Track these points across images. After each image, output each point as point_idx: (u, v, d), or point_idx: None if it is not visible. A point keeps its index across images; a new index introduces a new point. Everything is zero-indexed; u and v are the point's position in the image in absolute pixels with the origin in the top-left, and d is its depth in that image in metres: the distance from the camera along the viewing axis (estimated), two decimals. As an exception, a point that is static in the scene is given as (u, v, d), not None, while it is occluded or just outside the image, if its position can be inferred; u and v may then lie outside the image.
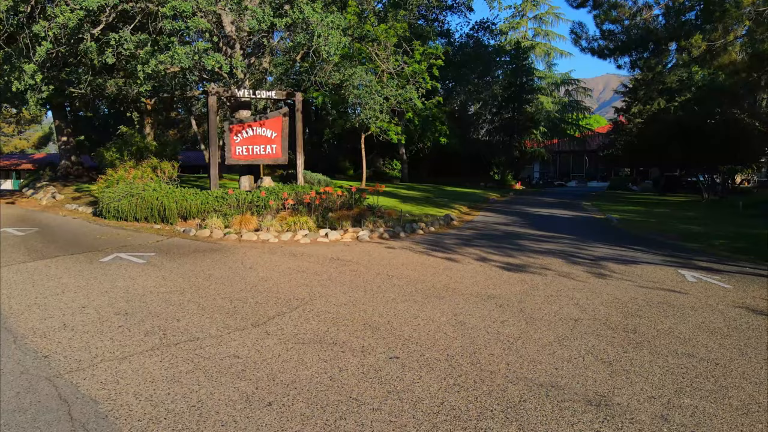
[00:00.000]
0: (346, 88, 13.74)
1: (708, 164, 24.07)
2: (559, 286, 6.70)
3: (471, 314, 5.48)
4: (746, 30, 13.68)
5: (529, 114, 38.57)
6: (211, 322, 5.09)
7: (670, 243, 10.70)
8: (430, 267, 7.78)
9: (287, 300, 5.90)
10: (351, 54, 18.08)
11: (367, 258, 8.41)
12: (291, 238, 9.97)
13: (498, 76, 38.09)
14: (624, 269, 7.84)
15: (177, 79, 15.08)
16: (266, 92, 13.58)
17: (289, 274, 7.18)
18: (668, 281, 7.12)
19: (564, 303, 5.94)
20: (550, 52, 44.52)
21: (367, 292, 6.30)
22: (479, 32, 36.14)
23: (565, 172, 54.21)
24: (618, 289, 6.59)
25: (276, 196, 11.77)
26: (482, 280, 6.97)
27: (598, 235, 11.91)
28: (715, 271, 7.82)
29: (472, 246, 9.76)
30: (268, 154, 13.84)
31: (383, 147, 35.67)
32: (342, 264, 7.89)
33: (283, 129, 13.92)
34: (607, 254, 9.15)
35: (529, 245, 10.02)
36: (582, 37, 18.94)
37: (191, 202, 11.20)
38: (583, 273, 7.54)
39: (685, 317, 5.49)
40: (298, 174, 14.22)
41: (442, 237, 11.03)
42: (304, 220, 10.60)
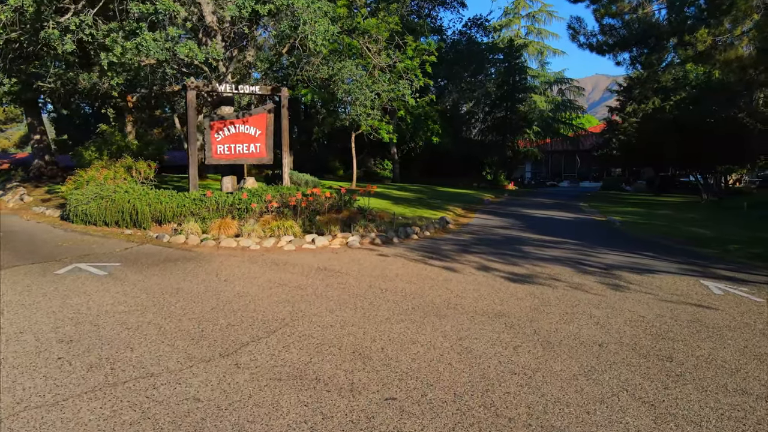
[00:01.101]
0: (335, 83, 12.92)
1: (706, 164, 23.52)
2: (574, 301, 5.95)
3: (478, 338, 4.71)
4: (754, 24, 13.06)
5: (522, 113, 37.95)
6: (172, 352, 4.27)
7: (682, 248, 10.01)
8: (427, 278, 7.00)
9: (265, 321, 5.09)
10: (341, 49, 17.31)
11: (358, 267, 7.61)
12: (274, 245, 9.14)
13: (491, 75, 37.44)
14: (641, 279, 7.11)
15: (157, 74, 14.19)
16: (250, 87, 12.73)
17: (269, 287, 6.36)
18: (693, 294, 6.39)
19: (583, 323, 5.18)
20: (543, 50, 43.94)
21: (358, 309, 5.50)
22: (472, 29, 35.49)
23: (557, 172, 53.76)
24: (640, 305, 5.85)
25: (259, 198, 10.93)
26: (486, 294, 6.20)
27: (603, 240, 11.19)
28: (740, 281, 7.11)
29: (472, 253, 8.99)
30: (251, 154, 12.99)
31: (374, 146, 34.89)
32: (329, 275, 7.09)
33: (268, 126, 13.08)
34: (618, 262, 8.42)
35: (533, 251, 9.27)
36: (580, 33, 18.27)
37: (166, 204, 10.33)
38: (596, 284, 6.80)
39: (723, 340, 4.75)
40: (283, 174, 13.39)
41: (439, 242, 10.26)
42: (289, 225, 9.78)
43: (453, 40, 35.11)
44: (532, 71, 41.83)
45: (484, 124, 39.65)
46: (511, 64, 36.20)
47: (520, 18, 44.78)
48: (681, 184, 39.82)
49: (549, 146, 46.94)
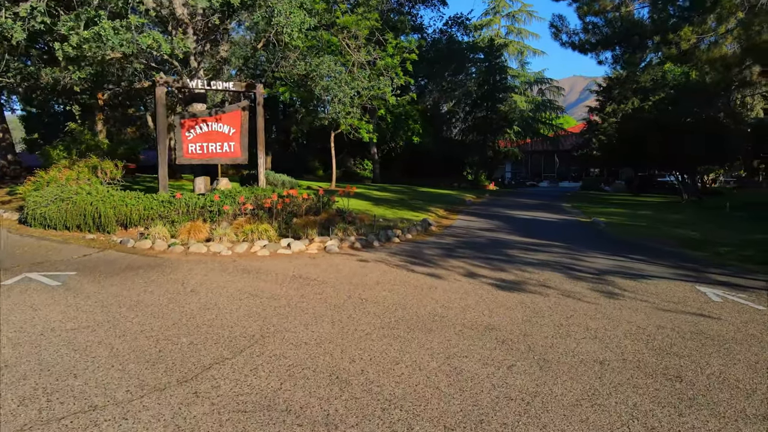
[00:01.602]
0: (313, 79, 12.39)
1: (687, 164, 23.54)
2: (567, 311, 5.55)
3: (468, 356, 4.26)
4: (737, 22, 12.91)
5: (502, 113, 37.79)
6: (122, 378, 3.74)
7: (672, 251, 9.73)
8: (410, 286, 6.54)
9: (232, 338, 4.58)
10: (320, 45, 16.77)
11: (336, 275, 7.12)
12: (247, 250, 8.59)
13: (472, 74, 37.20)
14: (635, 286, 6.75)
15: (126, 70, 13.51)
16: (223, 83, 12.14)
17: (240, 299, 5.83)
18: (690, 301, 6.05)
19: (579, 336, 4.78)
20: (523, 50, 43.90)
21: (335, 324, 5.01)
22: (453, 28, 35.20)
23: (537, 172, 53.88)
24: (637, 314, 5.47)
25: (232, 200, 10.36)
26: (474, 304, 5.77)
27: (591, 243, 10.88)
28: (737, 287, 6.80)
29: (457, 257, 8.56)
30: (225, 153, 12.40)
31: (354, 146, 34.38)
32: (305, 284, 6.58)
33: (243, 125, 12.49)
34: (609, 266, 8.08)
35: (520, 256, 8.89)
36: (562, 31, 18.02)
37: (132, 207, 9.69)
38: (589, 292, 6.42)
39: (732, 355, 4.39)
40: (259, 175, 12.82)
41: (421, 246, 9.81)
42: (264, 228, 9.23)
43: (433, 39, 34.79)
44: (512, 71, 41.75)
45: (464, 123, 39.41)
46: (491, 64, 36.00)
47: (501, 18, 44.68)
48: (658, 184, 40.13)
49: (529, 146, 46.95)
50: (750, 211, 16.44)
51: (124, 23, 8.06)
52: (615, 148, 29.51)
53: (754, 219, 14.74)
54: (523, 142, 44.02)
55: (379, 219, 12.86)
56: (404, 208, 16.43)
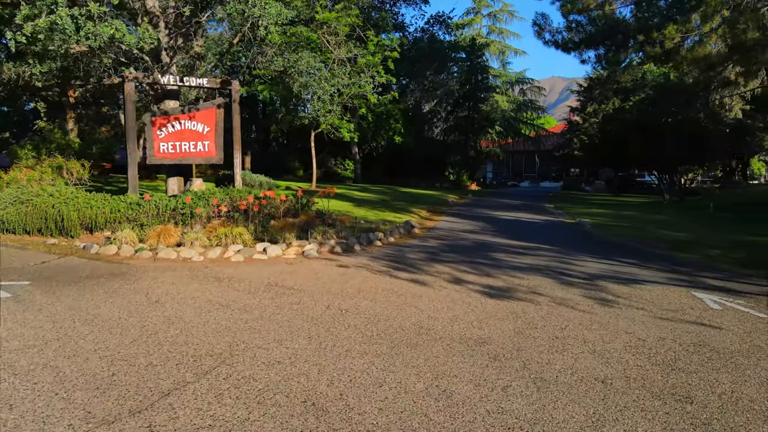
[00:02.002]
0: (291, 76, 11.92)
1: (669, 164, 23.57)
2: (561, 321, 5.20)
3: (458, 375, 3.87)
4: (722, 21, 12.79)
5: (484, 113, 37.63)
6: (66, 409, 3.26)
7: (662, 254, 9.49)
8: (394, 294, 6.13)
9: (197, 358, 4.12)
10: (299, 42, 16.26)
11: (315, 282, 6.68)
12: (220, 256, 8.10)
13: (453, 73, 36.97)
14: (628, 292, 6.44)
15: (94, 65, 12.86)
16: (197, 80, 11.59)
17: (208, 311, 5.36)
18: (688, 309, 5.75)
19: (577, 350, 4.42)
20: (504, 50, 43.85)
21: (313, 339, 4.58)
22: (434, 26, 34.90)
23: (518, 172, 53.95)
24: (635, 324, 5.15)
25: (206, 201, 9.85)
26: (462, 314, 5.39)
27: (578, 245, 10.61)
28: (734, 292, 6.53)
29: (442, 262, 8.18)
30: (199, 152, 11.86)
31: (335, 146, 33.89)
32: (281, 293, 6.13)
33: (218, 123, 11.97)
34: (599, 270, 7.78)
35: (507, 260, 8.54)
36: (545, 30, 17.80)
37: (98, 210, 9.12)
38: (582, 299, 6.09)
39: (741, 370, 4.07)
40: (235, 175, 12.30)
41: (404, 250, 9.42)
42: (238, 232, 8.75)
43: (415, 38, 34.47)
44: (493, 71, 41.64)
45: (446, 123, 39.17)
46: (473, 63, 35.81)
47: (482, 17, 44.58)
48: (637, 184, 40.44)
49: (510, 146, 46.91)
50: (734, 211, 16.40)
51: (84, 12, 7.50)
52: (597, 148, 29.54)
53: (739, 220, 14.68)
54: (505, 142, 43.98)
55: (360, 221, 12.44)
56: (386, 210, 16.03)
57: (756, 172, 42.73)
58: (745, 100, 29.65)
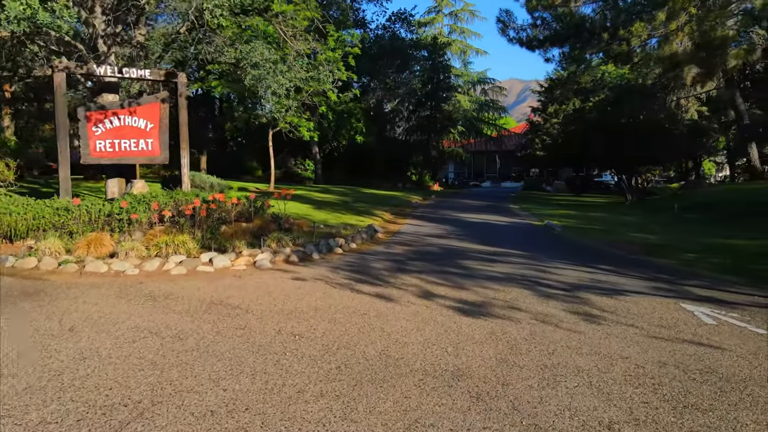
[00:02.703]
0: (243, 68, 10.99)
1: (633, 164, 23.65)
2: (548, 344, 4.56)
3: (435, 424, 3.15)
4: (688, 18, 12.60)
5: (447, 112, 37.33)
6: None
7: (638, 259, 9.06)
8: (356, 314, 5.37)
9: (106, 410, 3.25)
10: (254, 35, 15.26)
11: (265, 300, 5.85)
12: (159, 268, 7.15)
13: (416, 72, 36.47)
14: (614, 305, 5.87)
15: (22, 53, 11.61)
16: (137, 71, 10.53)
17: (133, 341, 4.47)
18: (681, 324, 5.21)
19: (571, 383, 3.77)
20: (466, 50, 43.69)
21: (257, 376, 3.78)
22: (396, 24, 34.30)
23: (479, 173, 54.05)
24: (629, 345, 4.55)
25: (146, 206, 8.84)
26: (435, 337, 4.68)
27: (551, 250, 10.09)
28: (723, 303, 6.06)
29: (409, 272, 7.47)
30: (141, 151, 10.80)
31: (295, 145, 32.86)
32: (225, 314, 5.28)
33: (162, 119, 10.94)
34: (578, 279, 7.22)
35: (479, 268, 7.90)
36: (509, 26, 17.43)
37: (18, 216, 8.00)
38: (566, 314, 5.48)
39: (759, 404, 3.49)
40: (182, 176, 11.28)
41: (368, 258, 8.66)
42: (181, 240, 7.81)
43: (377, 35, 33.78)
44: (455, 70, 41.41)
45: (408, 123, 38.67)
46: (435, 62, 35.42)
47: (444, 16, 44.31)
48: (596, 184, 40.98)
49: (472, 146, 46.83)
50: (698, 212, 16.36)
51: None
52: (560, 148, 29.54)
53: (705, 221, 14.58)
54: (467, 142, 43.86)
55: (320, 225, 11.63)
56: (348, 212, 15.26)
57: (707, 173, 43.99)
58: (701, 102, 30.31)
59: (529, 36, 16.87)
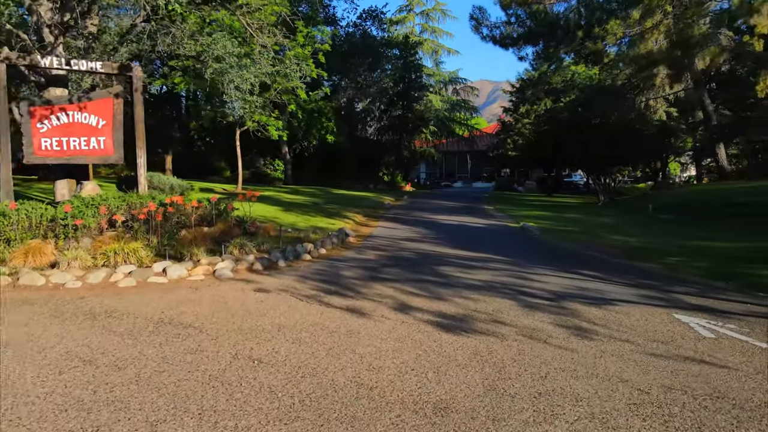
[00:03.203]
0: (204, 62, 10.28)
1: (606, 164, 23.64)
2: (539, 365, 4.08)
3: (418, 476, 2.61)
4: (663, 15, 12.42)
5: (419, 112, 36.99)
6: None
7: (621, 264, 8.73)
8: (325, 332, 4.80)
9: (10, 469, 2.62)
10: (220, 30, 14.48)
11: (223, 316, 5.22)
12: (104, 280, 6.44)
13: (387, 71, 35.99)
14: (603, 316, 5.45)
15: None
16: (87, 63, 9.72)
17: (60, 372, 3.81)
18: (679, 338, 4.81)
19: (571, 415, 3.28)
20: (437, 49, 43.44)
21: (205, 417, 3.18)
22: (367, 21, 33.75)
23: (451, 173, 53.98)
24: (628, 366, 4.11)
25: (95, 210, 8.08)
26: (414, 361, 4.15)
27: (531, 255, 9.70)
28: (717, 313, 5.69)
29: (383, 281, 6.92)
30: (93, 150, 9.98)
31: (264, 145, 31.97)
32: (174, 335, 4.64)
33: (116, 115, 10.15)
34: (562, 287, 6.79)
35: (458, 275, 7.41)
36: (483, 24, 17.09)
37: (-55, 222, 7.15)
38: (554, 328, 5.02)
39: (783, 437, 3.08)
40: (139, 177, 10.49)
41: (338, 265, 8.08)
42: (132, 248, 7.10)
43: (347, 32, 33.16)
44: (427, 70, 41.12)
45: (380, 122, 38.19)
46: (407, 61, 35.02)
47: (415, 15, 43.98)
48: (566, 184, 41.29)
49: (443, 146, 46.65)
50: (673, 213, 16.29)
51: None
52: (533, 148, 29.49)
53: (680, 222, 14.49)
54: (439, 142, 43.65)
55: (287, 229, 11.00)
56: (318, 214, 14.65)
57: (672, 173, 44.80)
58: (669, 103, 30.66)
59: (502, 34, 16.57)
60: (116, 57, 10.80)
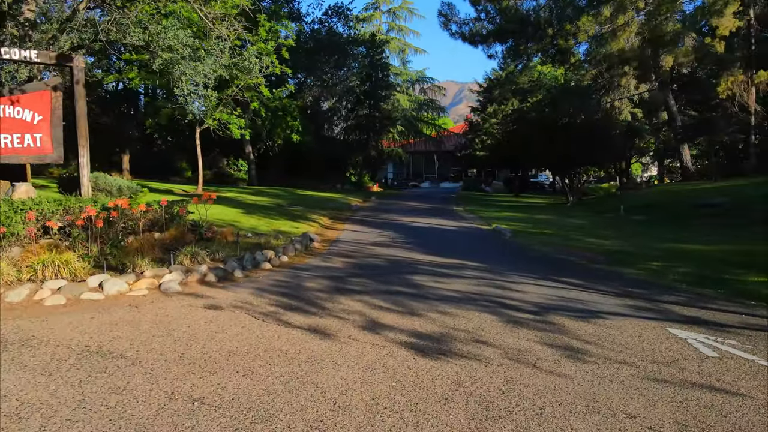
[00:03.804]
0: (154, 51, 9.41)
1: (574, 165, 23.54)
2: (532, 399, 3.51)
3: None
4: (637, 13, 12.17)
5: (386, 111, 36.43)
6: None
7: (602, 270, 8.29)
8: (283, 359, 4.13)
9: None
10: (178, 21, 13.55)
11: (163, 343, 4.48)
12: (28, 297, 5.59)
13: (354, 69, 35.30)
14: (594, 332, 4.94)
15: None
16: (20, 51, 8.73)
17: (-57, 425, 3.03)
18: (680, 359, 4.32)
19: (578, 468, 2.72)
20: (404, 48, 43.03)
21: (121, 489, 2.48)
22: (333, 18, 33.00)
23: (418, 173, 53.70)
24: (632, 396, 3.58)
25: (24, 215, 7.17)
26: (386, 394, 3.53)
27: (506, 260, 9.20)
28: (714, 326, 5.25)
29: (350, 293, 6.27)
30: (27, 149, 9.02)
31: (227, 144, 30.83)
32: (100, 368, 3.89)
33: (54, 110, 9.20)
34: (545, 298, 6.27)
35: (432, 285, 6.81)
36: (452, 20, 16.63)
37: None
38: (542, 348, 4.48)
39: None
40: (81, 178, 9.56)
41: (301, 275, 7.38)
42: (65, 260, 6.25)
43: (313, 29, 32.33)
44: (394, 69, 40.63)
45: (347, 122, 37.49)
46: (373, 60, 34.42)
47: (381, 13, 43.42)
48: (532, 184, 41.49)
49: (411, 146, 46.28)
50: (644, 214, 16.14)
51: None
52: (502, 148, 29.32)
53: (653, 223, 14.30)
54: (407, 142, 43.26)
55: (247, 234, 10.23)
56: (282, 217, 13.88)
57: (634, 173, 45.57)
58: (634, 104, 30.95)
59: (472, 30, 16.15)
60: (55, 46, 9.82)
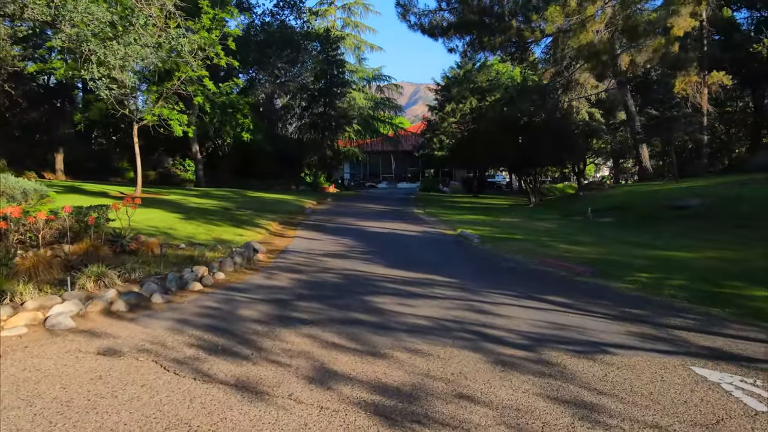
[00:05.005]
0: (60, 27, 7.86)
1: (536, 165, 22.94)
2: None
3: None
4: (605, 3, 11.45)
5: (342, 110, 35.18)
6: None
7: (588, 283, 7.32)
8: (189, 442, 2.87)
9: None
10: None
11: (17, 416, 3.13)
12: None
13: (308, 65, 33.86)
14: (602, 376, 3.88)
15: None
16: None
17: None
18: (722, 415, 3.30)
19: None
20: (360, 45, 41.86)
21: None
22: (285, 10, 31.46)
23: (375, 173, 52.69)
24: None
25: None
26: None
27: (479, 272, 8.13)
28: (742, 361, 4.28)
29: (295, 324, 5.01)
30: None
31: (172, 143, 28.83)
32: None
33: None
34: (533, 324, 5.19)
35: (397, 311, 5.62)
36: (410, 11, 15.61)
37: None
38: (546, 406, 3.38)
39: None
40: (-28, 181, 7.94)
41: (237, 297, 6.06)
42: None
43: (263, 21, 30.72)
44: (350, 66, 39.44)
45: (301, 120, 36.00)
46: (328, 56, 33.09)
47: (336, 9, 42.11)
48: (489, 184, 41.14)
49: (368, 146, 45.18)
50: (612, 216, 15.53)
51: None
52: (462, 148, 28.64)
53: (623, 226, 13.65)
54: (363, 141, 42.17)
55: (180, 245, 8.82)
56: (225, 223, 12.45)
57: (587, 173, 45.99)
58: (591, 104, 30.84)
59: (431, 22, 15.18)
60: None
